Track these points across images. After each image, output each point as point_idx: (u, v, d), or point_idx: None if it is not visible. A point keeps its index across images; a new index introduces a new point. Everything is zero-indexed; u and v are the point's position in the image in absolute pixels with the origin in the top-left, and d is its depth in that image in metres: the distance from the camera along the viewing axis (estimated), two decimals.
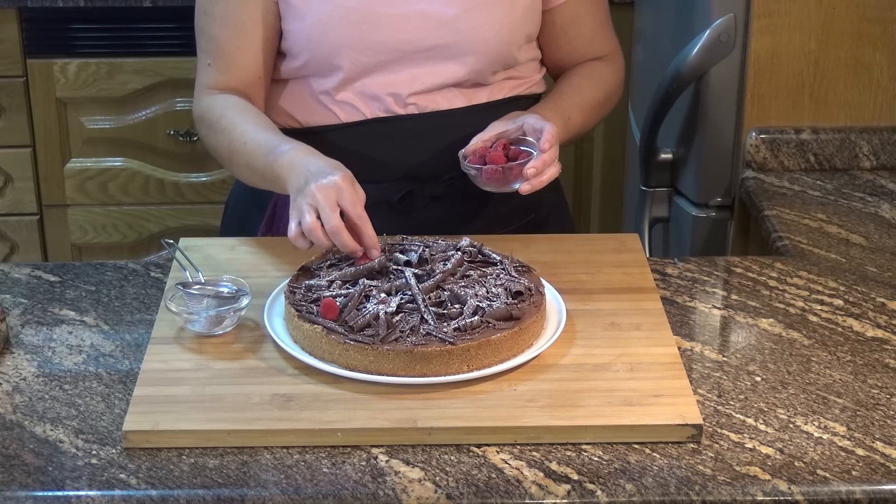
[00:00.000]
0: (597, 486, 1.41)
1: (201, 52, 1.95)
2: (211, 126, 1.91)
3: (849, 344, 1.69)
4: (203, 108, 1.93)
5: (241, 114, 1.88)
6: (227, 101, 1.91)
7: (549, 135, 1.77)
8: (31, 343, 1.68)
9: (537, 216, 2.00)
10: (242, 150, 1.85)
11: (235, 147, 1.86)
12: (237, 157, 1.87)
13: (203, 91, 1.94)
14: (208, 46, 1.94)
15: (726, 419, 1.53)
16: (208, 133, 1.93)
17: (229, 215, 2.12)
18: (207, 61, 1.94)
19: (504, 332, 1.57)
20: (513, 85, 1.97)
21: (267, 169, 1.79)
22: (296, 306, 1.62)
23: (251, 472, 1.43)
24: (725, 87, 2.23)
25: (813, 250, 1.93)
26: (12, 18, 3.06)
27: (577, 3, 1.99)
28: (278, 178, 1.77)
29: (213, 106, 1.91)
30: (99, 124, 3.18)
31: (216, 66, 1.93)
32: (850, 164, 2.23)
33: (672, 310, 1.75)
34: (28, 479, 1.42)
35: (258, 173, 1.83)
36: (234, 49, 1.91)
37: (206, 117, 1.92)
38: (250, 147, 1.83)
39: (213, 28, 1.92)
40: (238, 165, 1.88)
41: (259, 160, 1.81)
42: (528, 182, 1.75)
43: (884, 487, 1.42)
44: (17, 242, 3.25)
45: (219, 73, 1.93)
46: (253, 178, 1.88)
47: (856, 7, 2.17)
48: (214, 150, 1.93)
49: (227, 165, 1.93)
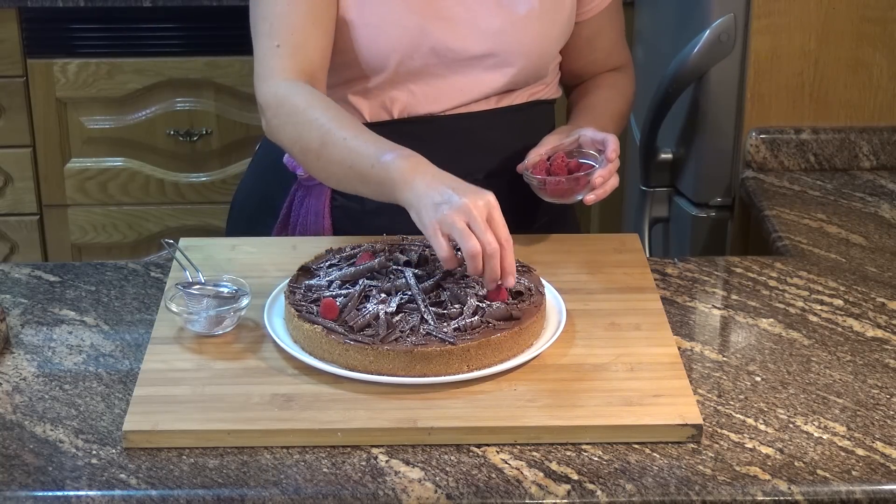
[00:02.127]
0: (597, 486, 1.41)
1: (265, 38, 1.84)
2: (293, 114, 1.79)
3: (849, 344, 1.69)
4: (280, 93, 1.81)
5: (333, 108, 1.79)
6: (313, 93, 1.80)
7: (615, 144, 1.81)
8: (31, 343, 1.68)
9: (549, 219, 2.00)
10: (342, 146, 1.74)
11: (333, 141, 1.75)
12: (332, 152, 1.75)
13: (274, 75, 1.82)
14: (275, 27, 1.83)
15: (726, 419, 1.53)
16: (286, 121, 1.80)
17: (236, 216, 2.11)
18: (276, 43, 1.83)
19: (504, 332, 1.57)
20: (537, 91, 1.98)
21: (376, 171, 1.69)
22: (296, 306, 1.62)
23: (251, 472, 1.43)
24: (725, 87, 2.23)
25: (813, 250, 1.94)
26: (12, 18, 3.06)
27: (603, 16, 2.02)
28: (389, 183, 1.67)
29: (295, 93, 1.80)
30: (99, 124, 3.18)
31: (286, 49, 1.82)
32: (850, 164, 2.23)
33: (672, 310, 1.75)
34: (28, 479, 1.43)
35: (358, 173, 1.73)
36: (307, 27, 1.82)
37: (286, 103, 1.80)
38: (353, 144, 1.73)
39: (280, 7, 1.83)
40: (329, 161, 1.77)
41: (366, 159, 1.71)
42: (594, 192, 1.78)
43: (884, 487, 1.42)
44: (17, 242, 3.25)
45: (289, 56, 1.82)
46: (347, 176, 1.76)
47: (856, 7, 2.17)
48: (296, 141, 1.80)
49: (307, 159, 1.81)
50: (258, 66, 1.84)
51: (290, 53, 1.82)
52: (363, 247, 1.75)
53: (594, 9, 2.00)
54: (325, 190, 1.94)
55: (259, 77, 1.84)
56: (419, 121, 1.91)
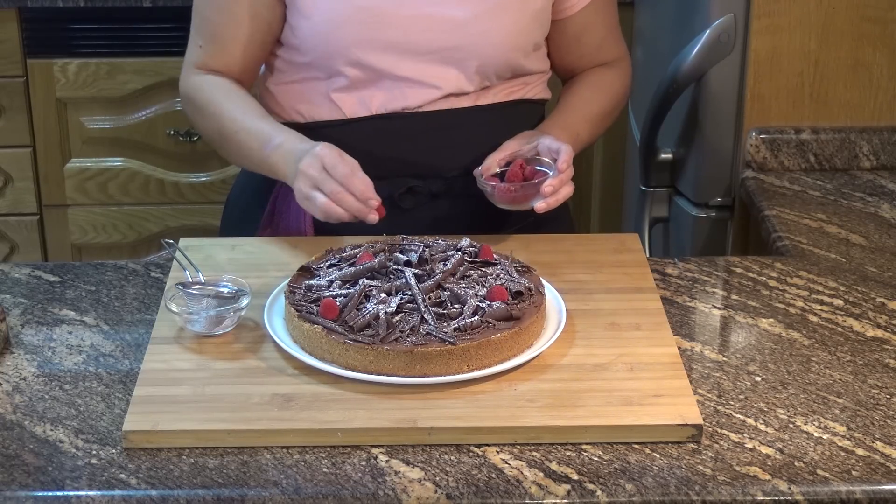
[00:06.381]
0: (597, 486, 1.41)
1: (194, 32, 1.98)
2: (198, 108, 1.96)
3: (849, 344, 1.69)
4: (190, 86, 1.97)
5: (229, 100, 1.93)
6: (215, 84, 1.94)
7: (567, 155, 1.81)
8: (31, 343, 1.68)
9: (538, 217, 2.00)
10: (234, 139, 1.91)
11: (227, 135, 1.92)
12: (228, 145, 1.94)
13: (190, 69, 1.97)
14: (201, 28, 1.97)
15: (726, 419, 1.53)
16: (195, 114, 1.98)
17: (230, 210, 2.13)
18: (199, 42, 1.97)
19: (504, 332, 1.57)
20: (516, 88, 1.98)
21: (264, 162, 1.88)
22: (296, 306, 1.62)
23: (251, 472, 1.43)
24: (725, 87, 2.23)
25: (813, 250, 1.94)
26: (12, 18, 3.05)
27: (588, 12, 2.00)
28: (276, 171, 1.86)
29: (201, 86, 1.95)
30: (99, 124, 3.18)
31: (206, 50, 1.96)
32: (850, 164, 2.23)
33: (672, 310, 1.75)
34: (28, 479, 1.43)
35: (254, 164, 1.91)
36: (226, 37, 1.94)
37: (193, 97, 1.96)
38: (242, 137, 1.90)
39: (208, 12, 1.95)
40: (229, 153, 1.96)
41: (254, 153, 1.89)
42: (545, 200, 1.79)
43: (884, 487, 1.42)
44: (17, 242, 3.25)
45: (208, 56, 1.96)
46: (248, 165, 1.96)
47: (856, 7, 2.17)
48: (203, 132, 2.00)
49: (216, 147, 2.00)
50: (185, 55, 1.99)
51: (211, 54, 1.96)
52: (363, 247, 1.75)
53: (577, 4, 1.99)
54: None
55: (182, 68, 1.99)
56: (396, 117, 1.93)
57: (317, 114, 1.95)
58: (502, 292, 1.62)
